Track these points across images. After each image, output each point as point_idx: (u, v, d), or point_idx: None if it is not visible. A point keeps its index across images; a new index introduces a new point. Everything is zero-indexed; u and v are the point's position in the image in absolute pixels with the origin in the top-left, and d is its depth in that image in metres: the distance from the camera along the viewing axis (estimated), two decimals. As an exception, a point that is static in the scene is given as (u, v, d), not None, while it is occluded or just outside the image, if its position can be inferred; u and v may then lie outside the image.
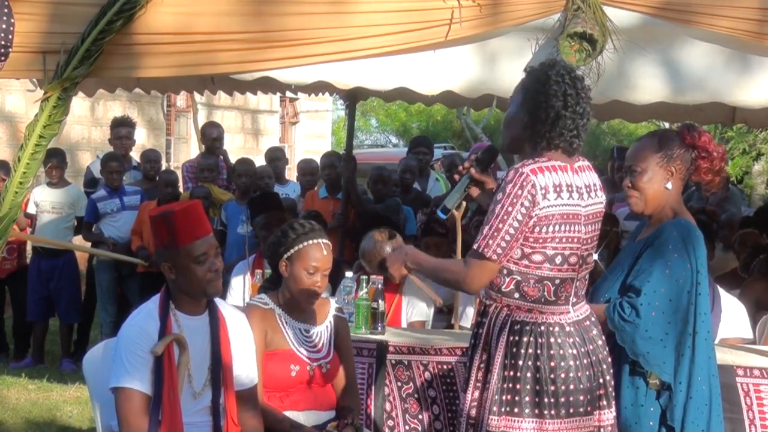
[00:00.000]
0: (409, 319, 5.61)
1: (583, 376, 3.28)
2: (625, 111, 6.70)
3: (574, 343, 3.29)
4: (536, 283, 3.28)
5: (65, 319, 8.27)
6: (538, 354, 3.26)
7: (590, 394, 3.30)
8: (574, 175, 3.30)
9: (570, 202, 3.26)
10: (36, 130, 4.67)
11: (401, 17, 4.62)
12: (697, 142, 3.65)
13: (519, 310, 3.31)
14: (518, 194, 3.21)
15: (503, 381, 3.29)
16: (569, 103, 3.29)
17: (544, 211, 3.22)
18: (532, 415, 3.25)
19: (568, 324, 3.31)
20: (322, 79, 4.91)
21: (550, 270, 3.27)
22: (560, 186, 3.24)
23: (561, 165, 3.29)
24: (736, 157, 16.17)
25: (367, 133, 33.04)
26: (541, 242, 3.24)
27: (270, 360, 3.86)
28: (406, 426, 4.69)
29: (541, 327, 3.28)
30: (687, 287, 3.56)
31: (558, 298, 3.30)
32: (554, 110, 3.27)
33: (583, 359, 3.29)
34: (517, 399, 3.26)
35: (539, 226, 3.23)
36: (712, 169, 3.67)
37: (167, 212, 3.47)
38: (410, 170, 8.17)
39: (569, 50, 4.51)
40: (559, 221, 3.24)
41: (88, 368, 3.82)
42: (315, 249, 3.90)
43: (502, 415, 3.27)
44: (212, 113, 16.63)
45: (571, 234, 3.27)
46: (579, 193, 3.30)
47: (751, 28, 4.54)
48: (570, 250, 3.28)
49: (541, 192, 3.21)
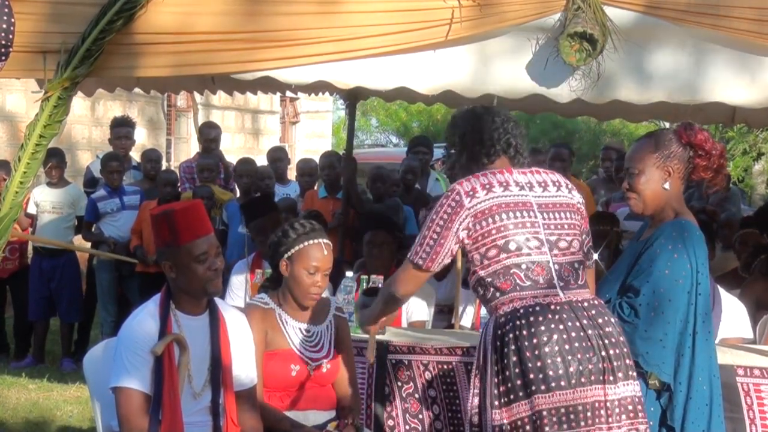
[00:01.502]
0: (409, 319, 5.60)
1: (573, 349, 3.22)
2: (625, 111, 6.71)
3: (560, 318, 3.26)
4: (505, 275, 3.31)
5: (66, 318, 8.27)
6: (518, 335, 3.25)
7: (587, 366, 3.23)
8: (514, 175, 3.41)
9: (507, 194, 3.35)
10: (36, 130, 4.68)
11: (401, 17, 4.62)
12: (693, 140, 3.64)
13: (502, 306, 3.33)
14: (442, 203, 3.37)
15: (496, 375, 3.30)
16: (482, 114, 3.50)
17: (477, 207, 3.31)
18: (525, 396, 3.24)
19: (555, 304, 3.29)
20: (322, 78, 4.91)
21: (508, 257, 3.30)
22: (490, 184, 3.36)
23: (495, 171, 3.42)
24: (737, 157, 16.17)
25: (367, 132, 33.02)
26: (488, 236, 3.30)
27: (270, 360, 3.86)
28: (406, 426, 4.70)
29: (519, 311, 3.29)
30: (687, 288, 3.56)
31: (535, 282, 3.30)
32: (470, 124, 3.48)
33: (574, 333, 3.24)
34: (510, 386, 3.26)
35: (478, 222, 3.31)
36: (711, 167, 3.66)
37: (169, 211, 3.48)
38: (412, 170, 8.18)
39: (569, 50, 4.51)
40: (501, 211, 3.32)
41: (89, 368, 3.82)
42: (316, 249, 3.90)
43: (501, 407, 3.28)
44: (212, 113, 16.63)
45: (521, 220, 3.33)
46: (519, 186, 3.39)
47: (751, 28, 4.54)
48: (524, 234, 3.32)
49: (466, 194, 3.33)
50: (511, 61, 4.71)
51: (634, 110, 6.37)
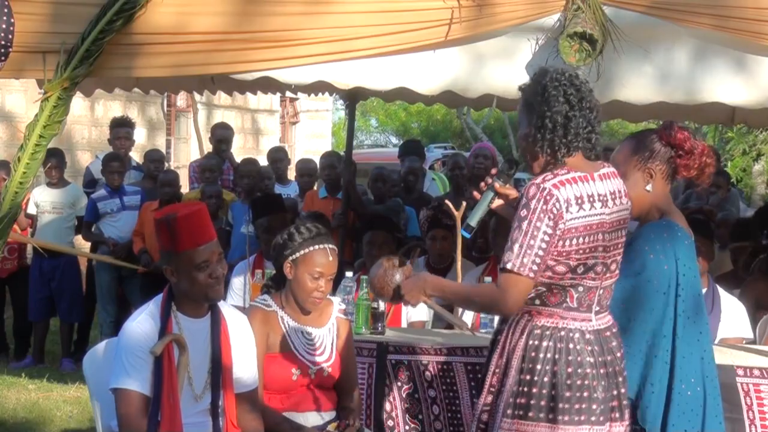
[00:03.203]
0: (409, 319, 5.61)
1: (599, 386, 3.24)
2: (625, 111, 6.70)
3: (592, 351, 3.25)
4: (558, 291, 3.25)
5: (67, 318, 8.27)
6: (556, 359, 3.22)
7: (604, 405, 3.25)
8: (597, 183, 3.27)
9: (593, 212, 3.22)
10: (36, 130, 4.68)
11: (401, 17, 4.62)
12: (672, 140, 3.61)
13: (539, 315, 3.27)
14: (544, 209, 3.16)
15: (519, 384, 3.25)
16: (573, 102, 3.26)
17: (568, 224, 3.18)
18: (546, 420, 3.21)
19: (589, 332, 3.27)
20: (322, 79, 4.91)
21: (572, 279, 3.23)
22: (581, 198, 3.21)
23: (582, 176, 3.25)
24: (736, 157, 16.16)
25: (367, 133, 33.06)
26: (564, 255, 3.20)
27: (271, 362, 3.86)
28: (406, 426, 4.70)
29: (561, 332, 3.24)
30: (663, 289, 3.51)
31: (580, 305, 3.26)
32: (561, 114, 3.24)
33: (600, 368, 3.25)
34: (532, 403, 3.23)
35: (563, 239, 3.18)
36: (693, 166, 3.62)
37: (170, 217, 3.43)
38: (414, 171, 8.18)
39: (569, 50, 4.51)
40: (583, 233, 3.20)
41: (89, 368, 3.82)
42: (321, 254, 3.89)
43: (515, 418, 3.24)
44: (212, 113, 16.64)
45: (595, 244, 3.23)
46: (602, 201, 3.25)
47: (751, 28, 4.54)
48: (594, 259, 3.24)
49: (564, 206, 3.17)
50: (511, 62, 4.71)
51: (634, 110, 6.37)
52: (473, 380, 4.61)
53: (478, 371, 4.59)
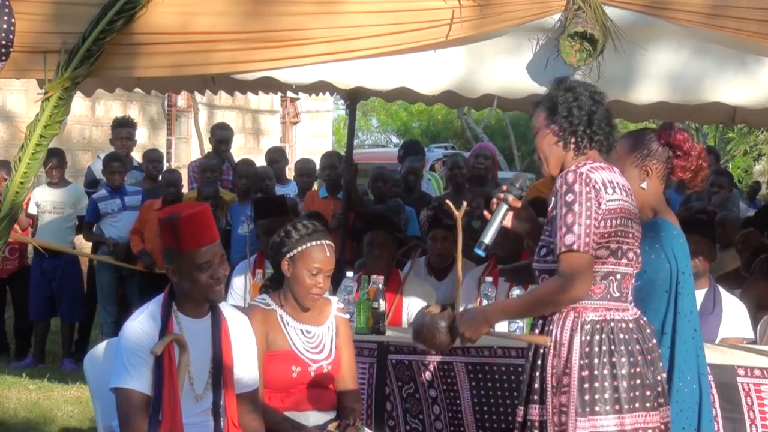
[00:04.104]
0: (409, 319, 5.60)
1: (648, 372, 3.30)
2: (625, 111, 6.69)
3: (638, 339, 3.32)
4: (602, 280, 3.30)
5: (68, 318, 8.27)
6: (612, 350, 3.27)
7: (654, 390, 3.32)
8: (618, 176, 3.37)
9: (622, 197, 3.32)
10: (37, 130, 4.68)
11: (402, 17, 4.62)
12: (671, 140, 3.65)
13: (585, 311, 3.31)
14: (588, 191, 3.25)
15: (582, 381, 3.28)
16: (597, 99, 3.39)
17: (608, 205, 3.27)
18: (613, 411, 3.26)
19: (630, 321, 3.34)
20: (322, 79, 4.91)
21: (614, 264, 3.30)
22: (613, 182, 3.31)
23: (607, 165, 3.36)
24: (737, 157, 16.18)
25: (367, 133, 33.06)
26: (606, 236, 3.27)
27: (271, 361, 3.86)
28: (407, 426, 4.70)
29: (610, 324, 3.30)
30: (665, 287, 3.55)
31: (621, 294, 3.33)
32: (587, 106, 3.36)
33: (647, 355, 3.32)
34: (597, 397, 3.26)
35: (605, 220, 3.27)
36: (689, 168, 3.66)
37: (174, 217, 3.44)
38: (414, 171, 8.17)
39: (569, 50, 4.51)
40: (619, 215, 3.29)
41: (89, 368, 3.82)
42: (318, 250, 3.90)
43: (585, 415, 3.26)
44: (212, 113, 16.64)
45: (629, 229, 3.33)
46: (625, 191, 3.35)
47: (751, 28, 4.54)
48: (627, 245, 3.32)
49: (602, 187, 3.27)
50: (512, 61, 4.71)
51: (634, 110, 6.36)
52: (474, 380, 4.61)
53: (478, 371, 4.61)
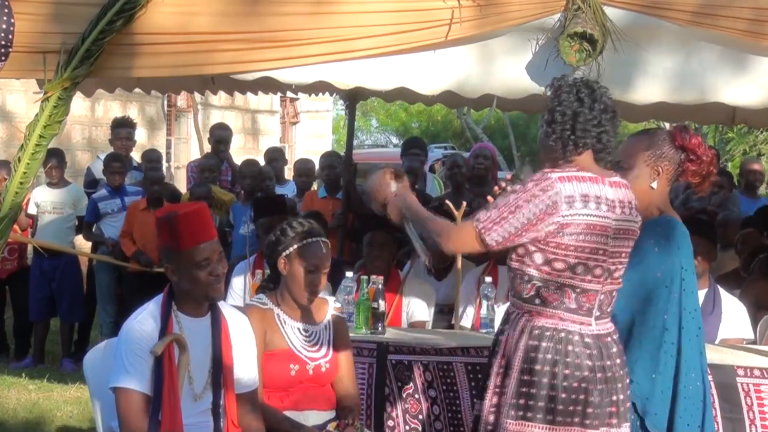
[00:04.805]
0: (409, 319, 5.61)
1: (595, 390, 3.27)
2: (625, 111, 6.65)
3: (590, 355, 3.28)
4: (556, 290, 3.28)
5: (68, 318, 8.27)
6: (556, 360, 3.26)
7: (599, 410, 3.28)
8: (606, 188, 3.31)
9: (598, 213, 3.26)
10: (36, 130, 4.68)
11: (401, 17, 4.62)
12: (686, 144, 3.64)
13: (540, 316, 3.31)
14: (538, 195, 3.22)
15: (520, 385, 3.29)
16: (583, 99, 3.35)
17: (568, 219, 3.22)
18: (545, 422, 3.25)
19: (588, 336, 3.30)
20: (322, 79, 4.91)
21: (570, 278, 3.26)
22: (588, 196, 3.25)
23: (592, 176, 3.30)
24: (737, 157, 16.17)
25: (367, 133, 33.06)
26: (563, 248, 3.24)
27: (269, 360, 3.86)
28: (406, 426, 4.69)
29: (560, 333, 3.28)
30: (666, 282, 3.54)
31: (579, 307, 3.29)
32: (570, 109, 3.33)
33: (598, 373, 3.28)
34: (531, 404, 3.26)
35: (562, 233, 3.22)
36: (700, 173, 3.66)
37: (172, 215, 3.45)
38: (413, 171, 8.16)
39: (569, 50, 4.51)
40: (585, 231, 3.24)
41: (89, 368, 3.82)
42: (314, 247, 3.90)
43: (517, 419, 3.28)
44: (212, 113, 16.64)
45: (596, 245, 3.26)
46: (609, 205, 3.29)
47: (751, 28, 4.54)
48: (594, 261, 3.27)
49: (565, 200, 3.22)
50: (511, 61, 4.71)
51: (634, 110, 6.36)
52: (473, 380, 4.61)
53: (478, 371, 4.60)
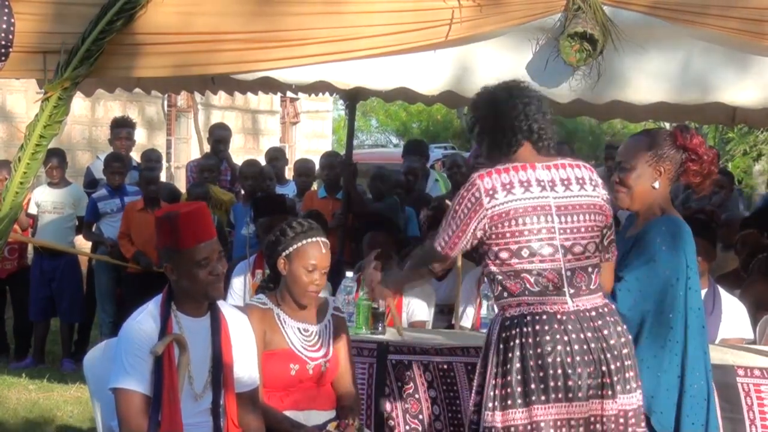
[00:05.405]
0: (409, 320, 5.60)
1: (575, 363, 3.26)
2: (625, 111, 6.70)
3: (565, 329, 3.28)
4: (514, 278, 3.32)
5: (68, 318, 8.26)
6: (523, 343, 3.29)
7: (582, 381, 3.27)
8: (538, 171, 3.37)
9: (527, 196, 3.32)
10: (36, 130, 4.68)
11: (401, 17, 4.63)
12: (688, 144, 3.66)
13: (510, 308, 3.36)
14: (464, 196, 3.36)
15: (495, 377, 3.33)
16: (501, 103, 3.45)
17: (496, 209, 3.30)
18: (523, 405, 3.28)
19: (562, 313, 3.31)
20: (322, 79, 4.91)
21: (519, 263, 3.31)
22: (511, 184, 3.33)
23: (521, 165, 3.37)
24: (737, 157, 16.17)
25: (367, 133, 33.04)
26: (502, 238, 3.31)
27: (269, 359, 3.86)
28: (406, 426, 4.69)
29: (527, 317, 3.31)
30: (672, 281, 3.56)
31: (545, 288, 3.32)
32: (490, 115, 3.44)
33: (578, 346, 3.27)
34: (509, 391, 3.29)
35: (495, 224, 3.31)
36: (701, 172, 3.69)
37: (172, 214, 3.46)
38: (413, 171, 8.18)
39: (569, 50, 4.51)
40: (518, 215, 3.31)
41: (89, 368, 3.82)
42: (314, 247, 3.90)
43: (497, 410, 3.30)
44: (212, 113, 16.64)
45: (537, 226, 3.31)
46: (541, 186, 3.35)
47: (751, 28, 4.54)
48: (539, 241, 3.31)
49: (486, 192, 3.31)
50: (512, 61, 4.71)
51: (634, 110, 6.37)
52: (474, 380, 4.61)
53: (478, 371, 4.61)
